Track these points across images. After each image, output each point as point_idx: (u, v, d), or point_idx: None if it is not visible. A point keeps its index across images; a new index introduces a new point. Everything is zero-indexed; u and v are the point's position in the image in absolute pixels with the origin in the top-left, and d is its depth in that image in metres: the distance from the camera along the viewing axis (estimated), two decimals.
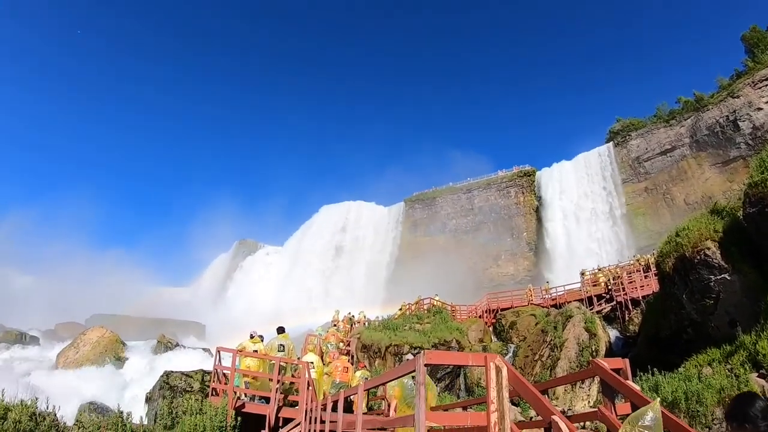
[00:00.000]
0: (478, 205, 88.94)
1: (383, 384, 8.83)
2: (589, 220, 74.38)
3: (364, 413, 11.71)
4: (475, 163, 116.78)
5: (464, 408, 12.55)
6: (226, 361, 14.79)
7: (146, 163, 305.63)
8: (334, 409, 11.12)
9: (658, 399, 4.01)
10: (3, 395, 6.76)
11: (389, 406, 10.97)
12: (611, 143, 77.02)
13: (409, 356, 19.01)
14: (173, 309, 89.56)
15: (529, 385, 4.81)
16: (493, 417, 4.63)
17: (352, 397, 11.45)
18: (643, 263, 36.12)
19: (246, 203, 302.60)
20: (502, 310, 36.13)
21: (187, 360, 33.48)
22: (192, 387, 20.41)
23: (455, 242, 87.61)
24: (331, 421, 9.85)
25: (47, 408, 7.07)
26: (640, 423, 5.12)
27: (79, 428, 7.62)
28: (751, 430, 3.19)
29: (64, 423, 7.12)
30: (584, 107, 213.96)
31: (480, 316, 36.49)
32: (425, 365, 4.80)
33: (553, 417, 4.28)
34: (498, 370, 4.65)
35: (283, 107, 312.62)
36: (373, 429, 11.37)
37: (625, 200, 72.33)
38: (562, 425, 4.16)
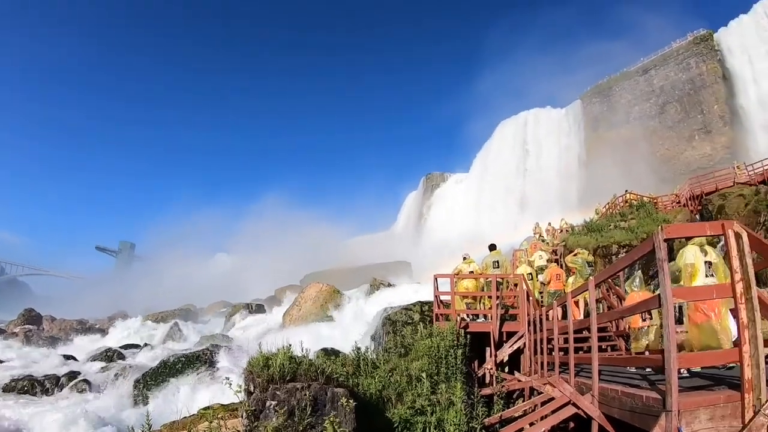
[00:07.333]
0: (658, 85, 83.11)
1: (615, 275, 8.85)
2: None
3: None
4: (643, 39, 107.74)
5: None
6: (444, 286, 15.25)
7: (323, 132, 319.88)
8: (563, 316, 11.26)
9: None
10: (261, 348, 7.64)
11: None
12: None
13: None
14: (377, 254, 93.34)
15: None
16: (739, 287, 4.49)
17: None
18: None
19: (425, 138, 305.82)
20: (707, 194, 33.52)
21: (401, 296, 34.88)
22: (413, 319, 21.24)
23: (642, 130, 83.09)
24: (559, 328, 9.96)
25: (300, 353, 7.86)
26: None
27: (327, 364, 8.37)
28: None
29: (318, 363, 7.87)
30: None
31: (684, 205, 34.50)
32: (665, 240, 4.70)
33: None
34: (738, 237, 4.48)
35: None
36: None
37: None
38: None
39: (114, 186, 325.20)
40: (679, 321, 7.12)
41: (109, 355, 28.81)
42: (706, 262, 7.46)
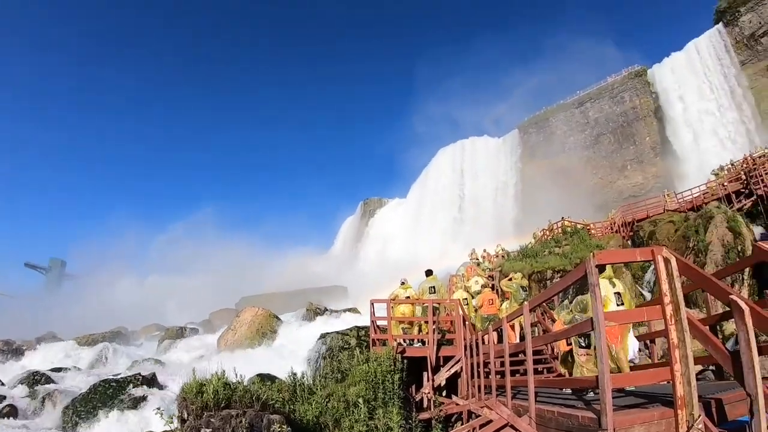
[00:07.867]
0: (593, 118, 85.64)
1: (551, 299, 9.31)
2: (712, 111, 70.17)
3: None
4: (580, 73, 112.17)
5: None
6: (381, 312, 15.26)
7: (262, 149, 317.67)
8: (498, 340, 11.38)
9: None
10: (194, 374, 7.42)
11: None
12: (720, 24, 71.67)
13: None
14: (314, 278, 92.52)
15: (701, 270, 4.74)
16: (668, 309, 4.61)
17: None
18: None
19: (364, 163, 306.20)
20: (638, 221, 34.69)
21: (338, 321, 34.78)
22: (349, 344, 21.20)
23: (577, 160, 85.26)
24: (496, 351, 10.04)
25: (235, 379, 7.67)
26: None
27: (263, 390, 8.19)
28: None
29: (253, 389, 7.69)
30: None
31: (616, 231, 35.63)
32: (596, 266, 4.82)
33: (731, 296, 4.24)
34: (666, 261, 4.62)
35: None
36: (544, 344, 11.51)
37: (747, 83, 67.39)
38: (741, 303, 4.12)
39: (44, 199, 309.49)
40: (588, 345, 7.95)
41: (36, 379, 27.43)
42: (615, 293, 8.33)
